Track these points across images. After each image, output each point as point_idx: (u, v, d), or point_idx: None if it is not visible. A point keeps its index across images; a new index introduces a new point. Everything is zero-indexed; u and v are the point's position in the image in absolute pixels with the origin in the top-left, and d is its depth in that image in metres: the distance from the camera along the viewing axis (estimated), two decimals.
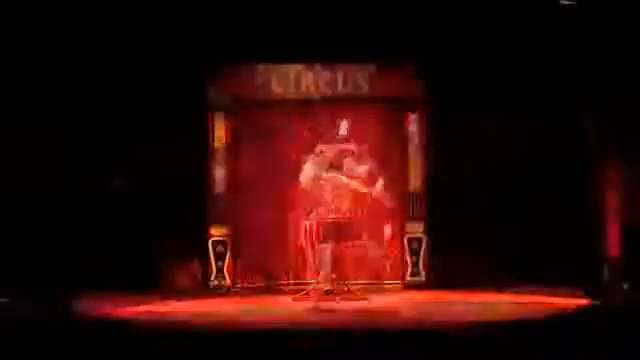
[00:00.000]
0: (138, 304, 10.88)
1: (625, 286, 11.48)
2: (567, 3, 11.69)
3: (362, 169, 11.27)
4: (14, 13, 11.46)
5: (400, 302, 11.15)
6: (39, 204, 11.88)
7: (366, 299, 10.75)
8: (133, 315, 9.88)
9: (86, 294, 11.30)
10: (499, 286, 11.72)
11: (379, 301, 11.02)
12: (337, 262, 10.83)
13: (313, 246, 9.98)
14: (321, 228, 10.64)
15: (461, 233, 12.33)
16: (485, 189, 12.39)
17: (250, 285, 12.25)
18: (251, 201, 12.40)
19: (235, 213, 12.39)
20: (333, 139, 11.95)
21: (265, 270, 12.33)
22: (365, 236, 11.44)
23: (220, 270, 12.30)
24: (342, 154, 11.39)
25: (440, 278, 12.29)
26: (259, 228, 12.36)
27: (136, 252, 12.12)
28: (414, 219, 12.50)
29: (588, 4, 11.70)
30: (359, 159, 11.70)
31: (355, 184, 10.73)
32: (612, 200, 12.02)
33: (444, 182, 12.43)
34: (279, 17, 11.86)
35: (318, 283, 10.77)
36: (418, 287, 12.21)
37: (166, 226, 12.16)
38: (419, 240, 12.47)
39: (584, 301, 10.45)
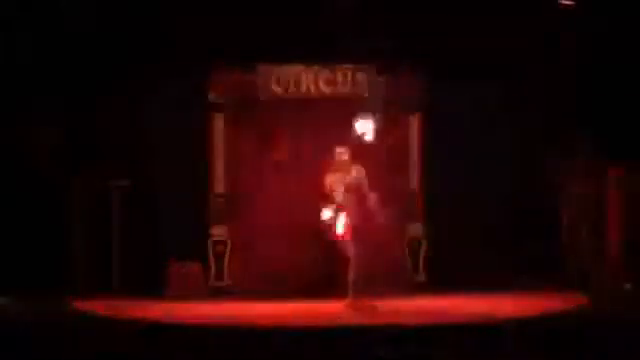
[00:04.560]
0: (137, 305, 10.87)
1: (626, 286, 11.50)
2: (567, 3, 11.70)
3: None
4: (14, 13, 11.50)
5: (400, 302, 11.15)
6: (38, 204, 11.89)
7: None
8: (132, 316, 9.86)
9: (86, 294, 11.32)
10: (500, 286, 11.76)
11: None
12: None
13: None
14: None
15: (461, 234, 12.33)
16: (485, 189, 12.39)
17: (250, 286, 12.22)
18: (251, 201, 12.39)
19: (235, 213, 12.39)
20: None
21: (265, 271, 12.31)
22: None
23: (220, 270, 12.28)
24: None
25: (440, 279, 12.28)
26: (259, 228, 12.35)
27: (136, 252, 12.12)
28: (414, 220, 12.49)
29: (588, 4, 11.72)
30: None
31: None
32: (612, 200, 12.03)
33: (444, 183, 12.42)
34: (279, 17, 11.86)
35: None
36: (418, 288, 12.20)
37: (166, 226, 12.16)
38: (419, 241, 12.46)
39: (584, 301, 10.45)
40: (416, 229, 12.46)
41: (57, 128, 12.07)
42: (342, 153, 10.55)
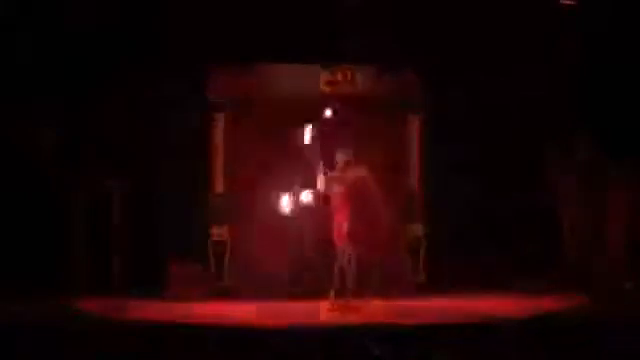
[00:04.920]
0: (137, 305, 10.87)
1: (626, 286, 11.49)
2: (567, 3, 11.71)
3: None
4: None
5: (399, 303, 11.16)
6: (38, 204, 11.90)
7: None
8: (132, 316, 9.87)
9: (86, 294, 11.32)
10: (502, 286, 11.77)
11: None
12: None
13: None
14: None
15: (461, 234, 12.33)
16: (485, 189, 12.40)
17: (250, 286, 12.22)
18: (251, 201, 12.39)
19: (235, 213, 12.38)
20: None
21: (265, 271, 12.31)
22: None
23: (220, 270, 12.27)
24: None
25: (440, 279, 12.29)
26: (259, 228, 12.35)
27: (136, 253, 12.13)
28: (414, 220, 12.49)
29: (588, 4, 11.73)
30: None
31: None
32: (612, 200, 12.04)
33: (444, 183, 12.43)
34: (279, 17, 11.87)
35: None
36: (418, 288, 12.20)
37: (166, 226, 12.17)
38: (419, 241, 12.46)
39: (585, 301, 10.45)
40: (416, 229, 12.46)
41: (57, 128, 12.07)
42: (344, 155, 10.58)
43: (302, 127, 10.79)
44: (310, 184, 10.86)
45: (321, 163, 10.53)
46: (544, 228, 12.32)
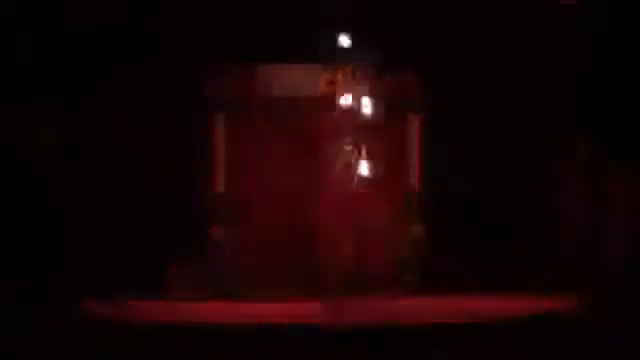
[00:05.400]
0: (137, 305, 10.86)
1: (626, 286, 11.49)
2: (567, 3, 11.70)
3: None
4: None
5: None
6: (37, 204, 11.89)
7: None
8: (133, 316, 9.87)
9: (86, 294, 11.32)
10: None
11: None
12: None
13: None
14: None
15: (461, 234, 12.33)
16: (485, 189, 12.39)
17: (249, 286, 12.22)
18: (251, 201, 12.39)
19: (235, 213, 12.38)
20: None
21: (265, 271, 12.31)
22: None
23: (220, 271, 12.27)
24: None
25: (440, 279, 12.28)
26: (259, 228, 12.35)
27: (135, 252, 12.12)
28: (414, 220, 12.48)
29: (588, 4, 11.73)
30: None
31: None
32: (612, 200, 12.03)
33: (444, 183, 12.42)
34: (279, 17, 11.87)
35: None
36: (418, 288, 12.20)
37: (166, 226, 12.16)
38: (419, 241, 12.45)
39: (584, 301, 10.45)
40: (416, 229, 12.46)
41: (57, 128, 12.07)
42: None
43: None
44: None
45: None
46: (544, 228, 12.31)
